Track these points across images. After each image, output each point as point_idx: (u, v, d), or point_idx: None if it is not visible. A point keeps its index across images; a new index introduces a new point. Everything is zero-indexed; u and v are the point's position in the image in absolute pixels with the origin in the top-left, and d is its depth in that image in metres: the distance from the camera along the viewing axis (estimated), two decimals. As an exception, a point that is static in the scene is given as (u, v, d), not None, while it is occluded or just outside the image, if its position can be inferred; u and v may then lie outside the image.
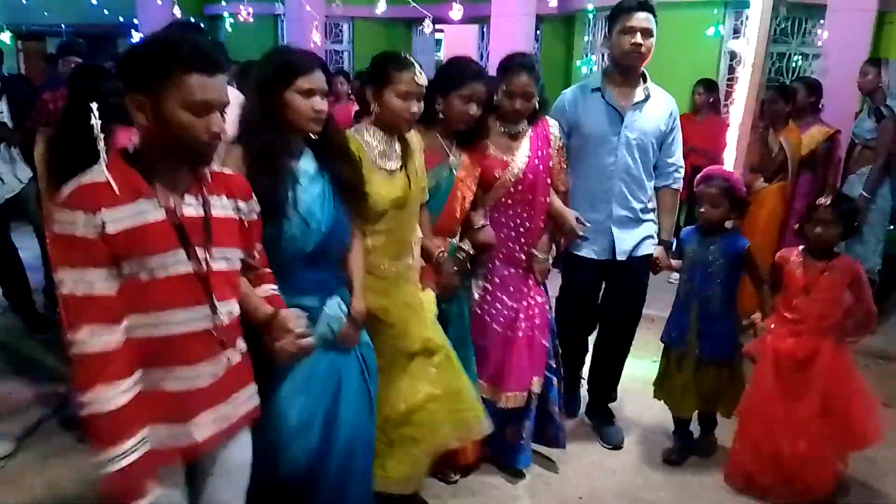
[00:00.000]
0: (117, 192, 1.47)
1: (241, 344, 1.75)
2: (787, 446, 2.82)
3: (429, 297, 2.61)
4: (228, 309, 1.66)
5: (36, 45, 12.44)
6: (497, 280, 2.94)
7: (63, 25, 11.54)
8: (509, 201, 2.88)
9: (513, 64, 2.79)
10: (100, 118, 1.74)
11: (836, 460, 2.89)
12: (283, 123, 2.03)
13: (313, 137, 2.10)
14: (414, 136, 2.53)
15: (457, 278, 2.74)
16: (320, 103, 2.04)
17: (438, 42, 11.53)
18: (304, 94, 2.01)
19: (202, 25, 5.71)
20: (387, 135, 2.42)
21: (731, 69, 6.90)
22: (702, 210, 3.07)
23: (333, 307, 2.18)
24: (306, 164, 2.11)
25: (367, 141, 2.39)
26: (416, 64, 2.37)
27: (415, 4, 6.82)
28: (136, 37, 9.10)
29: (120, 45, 10.97)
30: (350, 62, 9.77)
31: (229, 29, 9.02)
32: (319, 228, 2.08)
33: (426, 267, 2.64)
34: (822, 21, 6.15)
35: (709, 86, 6.33)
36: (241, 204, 1.74)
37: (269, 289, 1.89)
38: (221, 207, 1.68)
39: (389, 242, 2.43)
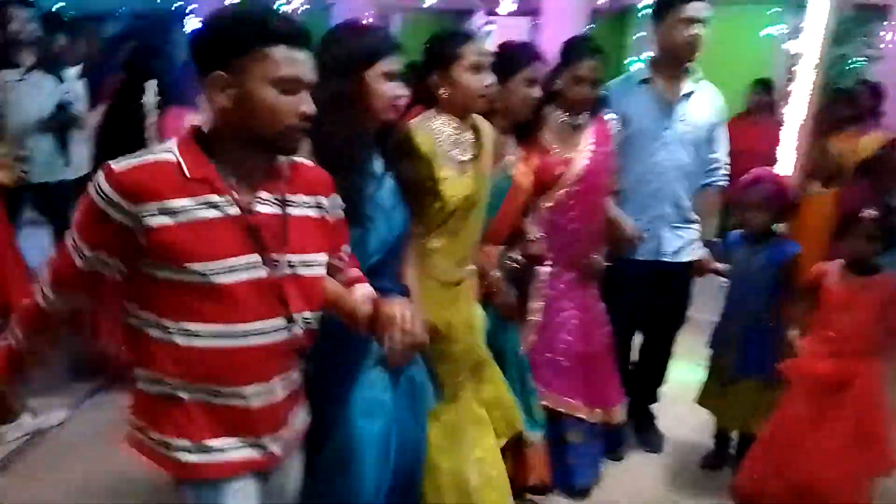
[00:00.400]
0: (189, 176, 1.34)
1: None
2: (815, 474, 2.59)
3: (479, 312, 2.40)
4: (306, 321, 1.49)
5: (92, 27, 12.72)
6: (560, 287, 2.77)
7: (122, 9, 11.81)
8: (570, 202, 2.70)
9: (580, 47, 2.66)
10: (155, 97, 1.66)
11: (866, 490, 2.68)
12: (360, 111, 1.82)
13: (377, 129, 1.91)
14: (485, 124, 2.28)
15: (513, 297, 2.57)
16: (401, 88, 1.86)
17: (488, 35, 11.48)
18: (386, 78, 1.82)
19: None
20: (458, 120, 2.17)
21: (789, 70, 6.72)
22: (749, 214, 2.94)
23: None
24: (374, 161, 1.94)
25: (437, 129, 2.13)
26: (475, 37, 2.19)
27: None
28: (190, 23, 9.28)
29: (174, 30, 11.16)
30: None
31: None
32: (391, 233, 1.93)
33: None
34: (885, 23, 5.95)
35: (766, 86, 6.17)
36: (324, 200, 1.55)
37: (365, 290, 1.67)
38: (301, 206, 1.50)
39: (454, 245, 2.19)
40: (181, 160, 1.35)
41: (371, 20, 7.67)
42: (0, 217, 3.84)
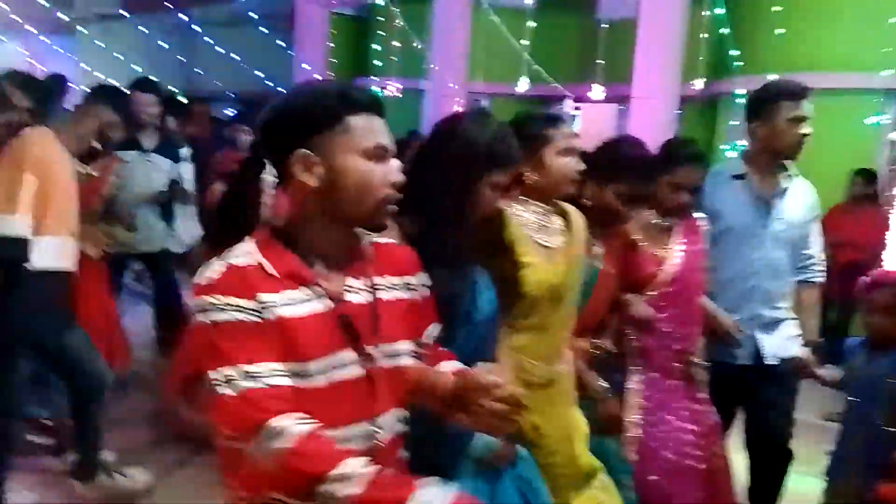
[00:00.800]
0: (277, 276, 1.24)
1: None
2: None
3: (579, 417, 2.23)
4: (392, 423, 1.35)
5: (204, 107, 13.72)
6: (656, 396, 2.59)
7: (228, 92, 12.70)
8: (663, 303, 2.58)
9: (683, 154, 2.62)
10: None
11: None
12: (464, 211, 1.75)
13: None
14: (574, 211, 2.20)
15: (617, 405, 2.41)
16: (504, 199, 1.82)
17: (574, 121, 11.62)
18: (493, 188, 1.76)
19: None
20: (545, 206, 2.11)
21: (893, 160, 6.46)
22: (872, 320, 2.69)
23: None
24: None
25: (522, 214, 2.05)
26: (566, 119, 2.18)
27: (556, 84, 6.97)
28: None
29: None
30: (486, 136, 10.01)
31: (377, 102, 9.57)
32: (484, 328, 1.83)
33: None
34: None
35: (868, 176, 5.95)
36: (412, 280, 1.45)
37: (451, 364, 1.49)
38: (390, 289, 1.39)
39: (540, 341, 2.03)
40: (263, 261, 1.25)
41: (464, 106, 7.92)
42: (103, 287, 4.14)
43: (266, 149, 1.35)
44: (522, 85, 6.54)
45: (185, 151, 4.81)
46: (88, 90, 3.13)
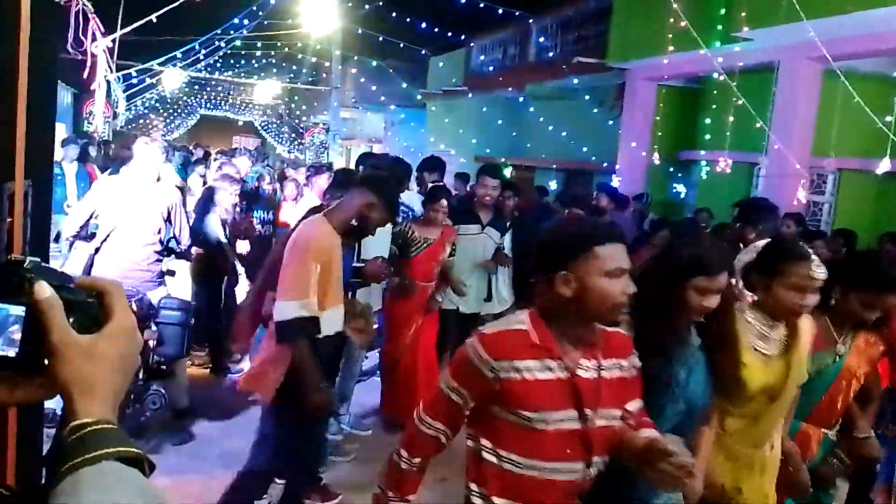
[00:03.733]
0: (537, 343, 1.74)
1: None
2: None
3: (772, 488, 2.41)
4: (598, 465, 1.79)
5: (527, 175, 14.54)
6: None
7: (553, 164, 13.24)
8: None
9: None
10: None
11: None
12: (674, 310, 2.09)
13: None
14: (805, 322, 2.38)
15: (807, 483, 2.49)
16: (714, 300, 2.06)
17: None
18: (699, 292, 2.04)
19: (444, 163, 6.00)
20: (772, 319, 2.32)
21: None
22: None
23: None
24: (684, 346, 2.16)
25: (748, 321, 2.31)
26: (812, 256, 2.28)
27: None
28: (615, 181, 9.86)
29: (596, 180, 12.06)
30: (830, 215, 8.92)
31: (704, 175, 9.11)
32: (691, 406, 2.11)
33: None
34: None
35: None
36: (624, 362, 1.87)
37: (649, 431, 1.86)
38: (610, 368, 1.83)
39: (750, 429, 2.33)
40: (531, 330, 1.77)
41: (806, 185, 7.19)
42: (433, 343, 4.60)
43: (539, 263, 1.82)
44: (884, 165, 5.71)
45: (507, 224, 5.36)
46: (361, 175, 3.57)
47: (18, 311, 0.75)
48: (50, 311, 0.75)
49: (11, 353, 0.75)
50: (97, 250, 4.20)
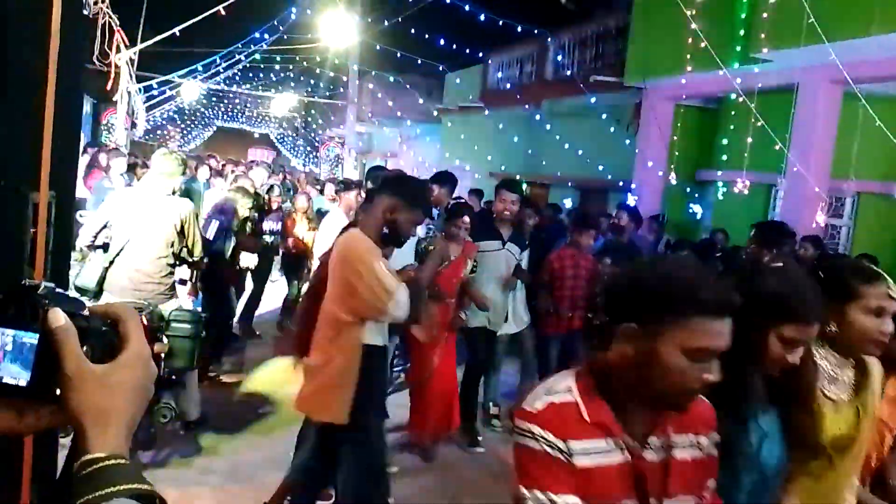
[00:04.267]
0: (587, 421, 1.38)
1: None
2: None
3: None
4: None
5: (542, 192, 14.53)
6: None
7: (569, 181, 13.22)
8: None
9: None
10: None
11: None
12: (749, 361, 1.70)
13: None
14: (875, 364, 2.05)
15: None
16: (799, 354, 1.71)
17: None
18: (785, 343, 1.69)
19: (456, 177, 5.88)
20: (841, 357, 1.99)
21: None
22: None
23: None
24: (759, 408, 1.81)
25: (817, 363, 1.97)
26: (887, 277, 1.96)
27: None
28: (631, 199, 9.82)
29: (611, 198, 12.02)
30: (848, 239, 8.84)
31: (720, 196, 9.05)
32: (769, 475, 1.78)
33: None
34: None
35: None
36: (704, 440, 1.52)
37: None
38: (683, 448, 1.48)
39: (819, 489, 1.94)
40: (580, 402, 1.41)
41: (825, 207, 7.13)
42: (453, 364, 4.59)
43: (609, 304, 1.46)
44: (906, 188, 5.67)
45: (525, 241, 5.35)
46: (378, 180, 3.48)
47: (32, 338, 0.74)
48: (64, 339, 0.73)
49: (23, 381, 0.73)
50: (111, 263, 4.23)
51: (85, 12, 1.90)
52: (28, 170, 1.68)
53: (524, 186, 14.70)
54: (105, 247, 4.28)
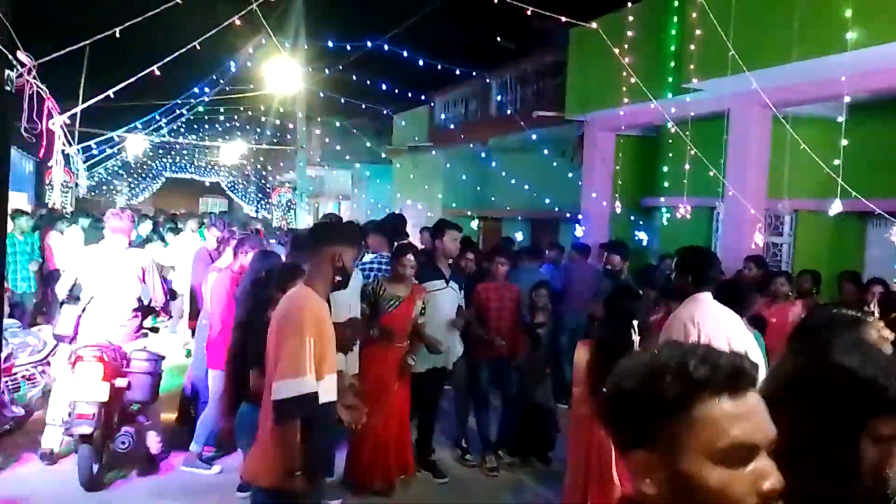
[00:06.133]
0: None
1: None
2: None
3: None
4: None
5: (494, 226, 14.69)
6: None
7: (519, 217, 13.40)
8: None
9: None
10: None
11: None
12: (844, 477, 1.27)
13: None
14: None
15: None
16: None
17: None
18: (880, 441, 1.26)
19: (402, 215, 6.17)
20: None
21: None
22: None
23: None
24: None
25: None
26: (873, 319, 1.80)
27: (869, 202, 6.15)
28: (579, 230, 9.98)
29: (561, 229, 12.21)
30: (789, 256, 9.12)
31: (665, 222, 9.27)
32: None
33: None
34: None
35: None
36: None
37: None
38: None
39: None
40: None
41: (762, 228, 7.35)
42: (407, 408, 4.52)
43: (614, 434, 1.10)
44: (836, 206, 5.91)
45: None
46: (319, 231, 3.52)
47: None
48: None
49: None
50: (83, 311, 4.88)
51: (7, 88, 1.89)
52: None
53: (476, 222, 14.87)
54: (78, 299, 4.96)
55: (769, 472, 0.99)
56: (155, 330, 5.30)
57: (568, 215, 11.10)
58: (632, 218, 10.44)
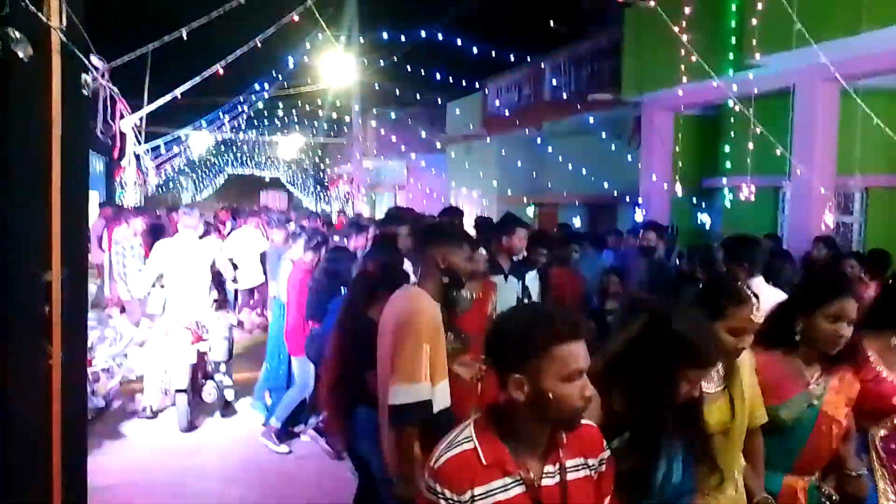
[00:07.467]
0: (485, 464, 1.60)
1: None
2: None
3: None
4: None
5: (550, 212, 14.58)
6: None
7: (575, 200, 13.28)
8: None
9: None
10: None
11: None
12: (664, 398, 1.89)
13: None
14: (745, 354, 2.36)
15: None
16: (698, 389, 1.98)
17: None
18: (689, 382, 1.93)
19: (459, 208, 6.25)
20: None
21: None
22: None
23: None
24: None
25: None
26: (752, 300, 2.27)
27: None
28: (639, 214, 9.84)
29: (620, 213, 12.04)
30: (860, 234, 8.78)
31: (728, 204, 9.04)
32: (678, 499, 1.97)
33: None
34: None
35: None
36: (592, 460, 1.74)
37: None
38: (576, 469, 1.71)
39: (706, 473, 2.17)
40: (478, 447, 1.62)
41: (832, 207, 7.09)
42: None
43: (492, 360, 1.69)
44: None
45: (532, 273, 5.22)
46: (421, 234, 3.33)
47: None
48: None
49: None
50: (169, 292, 5.99)
51: (85, 92, 2.00)
52: (39, 249, 1.76)
53: (532, 209, 14.79)
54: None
55: (587, 385, 1.62)
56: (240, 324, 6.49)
57: (627, 199, 10.94)
58: (693, 200, 10.22)
